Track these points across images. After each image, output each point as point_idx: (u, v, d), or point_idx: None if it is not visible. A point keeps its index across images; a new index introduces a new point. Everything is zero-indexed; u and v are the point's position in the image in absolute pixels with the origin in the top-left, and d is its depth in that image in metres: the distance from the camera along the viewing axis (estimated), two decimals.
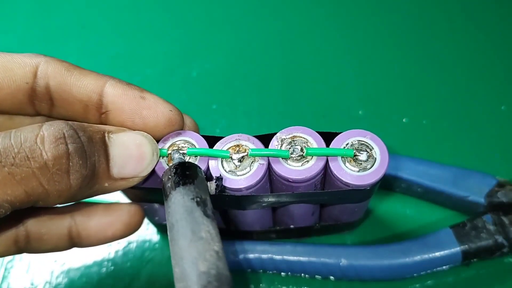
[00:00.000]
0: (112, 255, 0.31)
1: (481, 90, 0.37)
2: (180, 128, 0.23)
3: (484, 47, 0.39)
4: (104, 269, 0.31)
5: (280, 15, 0.43)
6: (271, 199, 0.23)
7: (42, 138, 0.18)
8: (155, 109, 0.22)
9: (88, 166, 0.18)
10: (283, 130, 0.22)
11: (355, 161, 0.21)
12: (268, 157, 0.21)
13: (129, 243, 0.32)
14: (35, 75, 0.22)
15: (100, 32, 0.44)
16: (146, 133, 0.21)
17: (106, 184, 0.20)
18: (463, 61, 0.39)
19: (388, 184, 0.31)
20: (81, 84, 0.22)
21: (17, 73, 0.21)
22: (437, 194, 0.30)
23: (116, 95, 0.22)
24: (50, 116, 0.23)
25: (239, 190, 0.21)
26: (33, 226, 0.24)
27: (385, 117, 0.36)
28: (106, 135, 0.20)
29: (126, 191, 0.24)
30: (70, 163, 0.18)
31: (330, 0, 0.44)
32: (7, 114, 0.23)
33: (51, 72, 0.22)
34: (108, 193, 0.21)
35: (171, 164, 0.21)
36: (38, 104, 0.22)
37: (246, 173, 0.21)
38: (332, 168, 0.21)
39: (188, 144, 0.22)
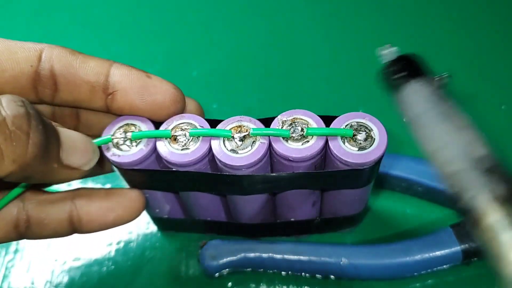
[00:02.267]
0: (112, 254, 0.31)
1: (481, 90, 0.37)
2: (183, 107, 0.24)
3: (484, 46, 0.39)
4: (104, 268, 0.31)
5: (280, 14, 0.43)
6: (272, 180, 0.23)
7: (0, 100, 0.17)
8: (161, 87, 0.23)
9: (45, 135, 0.18)
10: (284, 113, 0.23)
11: (354, 141, 0.22)
12: (269, 136, 0.22)
13: (129, 242, 0.32)
14: (39, 58, 0.22)
15: (100, 32, 0.44)
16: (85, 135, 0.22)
17: (55, 165, 0.20)
18: (463, 61, 0.39)
19: (388, 183, 0.31)
20: (87, 66, 0.22)
21: (21, 56, 0.21)
22: (437, 193, 0.30)
23: (123, 75, 0.22)
24: (53, 104, 0.23)
25: (240, 168, 0.22)
26: (34, 210, 0.23)
27: (385, 116, 0.36)
28: (54, 124, 0.20)
29: (127, 178, 0.24)
30: (31, 125, 0.18)
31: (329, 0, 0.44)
32: None
33: (56, 56, 0.22)
34: (52, 181, 0.21)
35: (395, 57, 0.21)
36: (42, 90, 0.22)
37: (247, 152, 0.22)
38: (331, 147, 0.21)
39: (191, 126, 0.23)
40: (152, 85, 0.22)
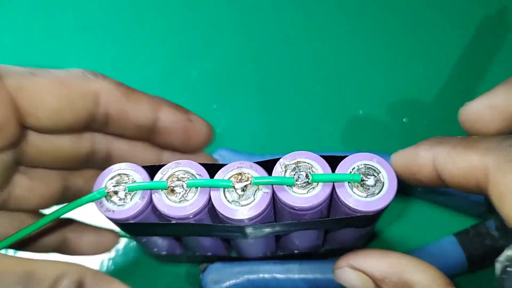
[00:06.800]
0: (112, 254, 0.31)
1: (482, 90, 0.36)
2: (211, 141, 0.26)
3: (484, 47, 0.39)
4: (104, 269, 0.31)
5: (281, 15, 0.43)
6: (276, 228, 0.22)
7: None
8: (201, 130, 0.25)
9: None
10: (286, 156, 0.21)
11: (363, 186, 0.20)
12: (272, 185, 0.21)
13: (129, 243, 0.32)
14: (97, 104, 0.22)
15: (100, 33, 0.43)
16: None
17: None
18: (463, 61, 0.39)
19: None
20: (138, 110, 0.23)
21: (80, 105, 0.22)
22: (438, 194, 0.30)
23: (169, 122, 0.24)
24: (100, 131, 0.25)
25: (242, 221, 0.21)
26: None
27: (385, 117, 0.36)
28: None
29: (123, 229, 0.24)
30: None
31: (330, 0, 0.44)
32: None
33: (111, 101, 0.23)
34: None
35: None
36: (93, 126, 0.24)
37: (250, 203, 0.20)
38: (339, 194, 0.20)
39: (188, 174, 0.21)
40: (193, 129, 0.25)
